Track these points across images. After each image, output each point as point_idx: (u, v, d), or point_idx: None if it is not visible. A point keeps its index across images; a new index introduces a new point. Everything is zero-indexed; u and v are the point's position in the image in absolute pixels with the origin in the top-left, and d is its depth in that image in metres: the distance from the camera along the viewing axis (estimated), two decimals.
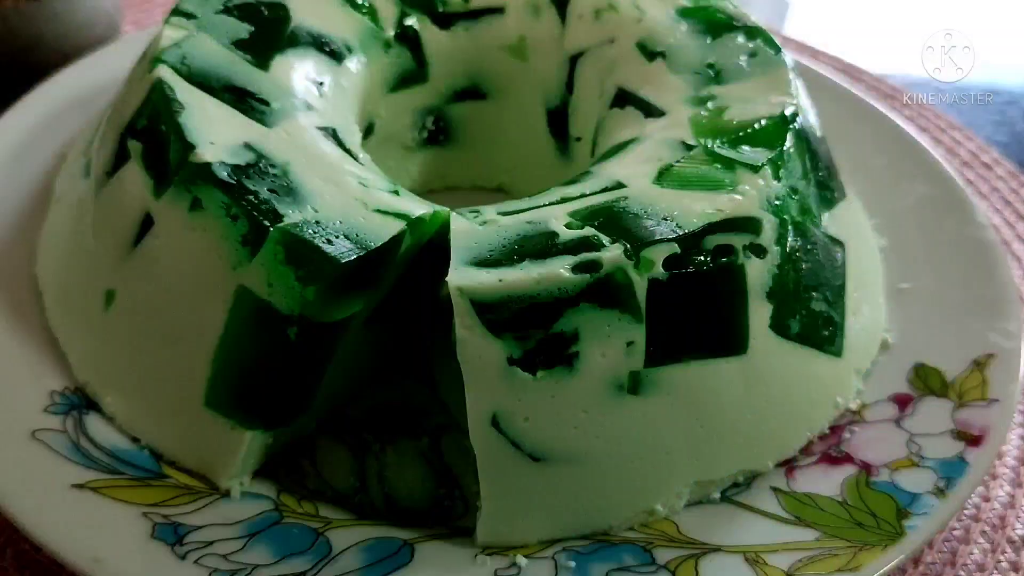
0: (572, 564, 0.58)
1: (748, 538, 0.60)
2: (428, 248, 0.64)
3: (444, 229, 0.63)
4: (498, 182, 0.87)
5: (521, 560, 0.58)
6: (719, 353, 0.61)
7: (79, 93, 0.85)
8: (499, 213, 0.62)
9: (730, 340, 0.61)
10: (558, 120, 0.82)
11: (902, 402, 0.67)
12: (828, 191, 0.72)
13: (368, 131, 0.78)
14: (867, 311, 0.71)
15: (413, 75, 0.80)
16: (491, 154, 0.86)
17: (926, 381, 0.69)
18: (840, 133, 0.80)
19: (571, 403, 0.58)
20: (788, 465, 0.64)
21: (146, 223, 0.63)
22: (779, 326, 0.63)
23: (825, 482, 0.63)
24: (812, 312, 0.65)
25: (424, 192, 0.86)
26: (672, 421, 0.60)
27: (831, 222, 0.70)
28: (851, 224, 0.75)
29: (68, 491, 0.59)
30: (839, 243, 0.69)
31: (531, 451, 0.58)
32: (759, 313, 0.62)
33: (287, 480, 0.64)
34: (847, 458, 0.64)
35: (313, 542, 0.59)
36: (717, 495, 0.63)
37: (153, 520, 0.58)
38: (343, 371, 0.64)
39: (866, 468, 0.63)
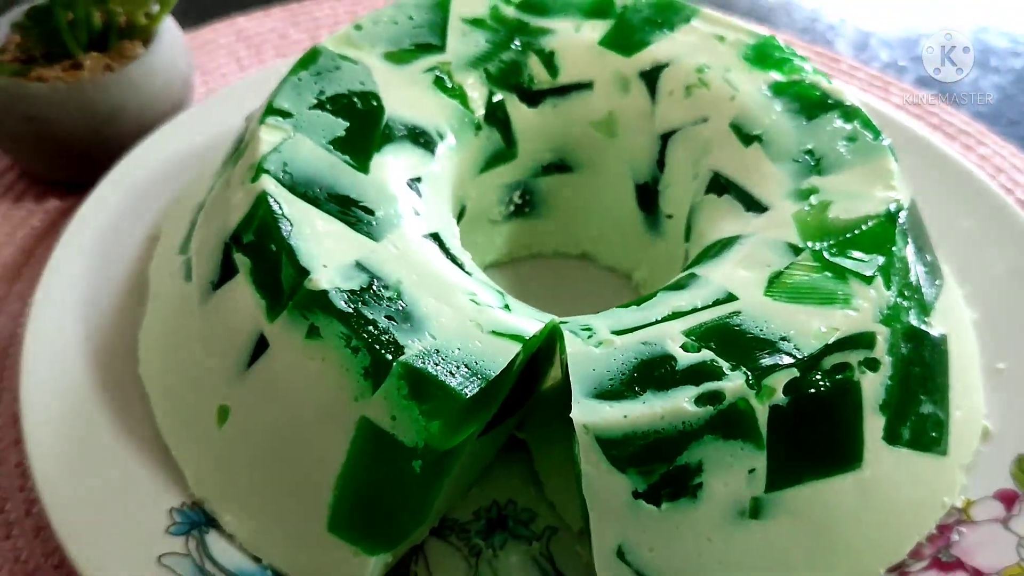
0: None
1: None
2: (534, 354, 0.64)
3: (551, 338, 0.63)
4: (582, 249, 0.87)
5: None
6: (836, 470, 0.61)
7: (165, 165, 0.85)
8: (612, 332, 0.62)
9: (846, 455, 0.62)
10: (647, 195, 0.81)
11: (1007, 500, 0.68)
12: (934, 278, 0.71)
13: (460, 214, 0.77)
14: (967, 400, 0.71)
15: (502, 154, 0.79)
16: (576, 223, 0.86)
17: None
18: (924, 194, 0.78)
19: (694, 532, 0.59)
20: (899, 571, 0.65)
21: (261, 343, 0.63)
22: (892, 435, 0.63)
23: None
24: (921, 416, 0.65)
25: (508, 261, 0.86)
26: (792, 540, 0.61)
27: (936, 313, 0.70)
28: (950, 306, 0.75)
29: None
30: (943, 336, 0.69)
31: None
32: (873, 425, 0.62)
33: None
34: (958, 564, 0.65)
35: None
36: None
37: None
38: (456, 481, 0.65)
39: None
